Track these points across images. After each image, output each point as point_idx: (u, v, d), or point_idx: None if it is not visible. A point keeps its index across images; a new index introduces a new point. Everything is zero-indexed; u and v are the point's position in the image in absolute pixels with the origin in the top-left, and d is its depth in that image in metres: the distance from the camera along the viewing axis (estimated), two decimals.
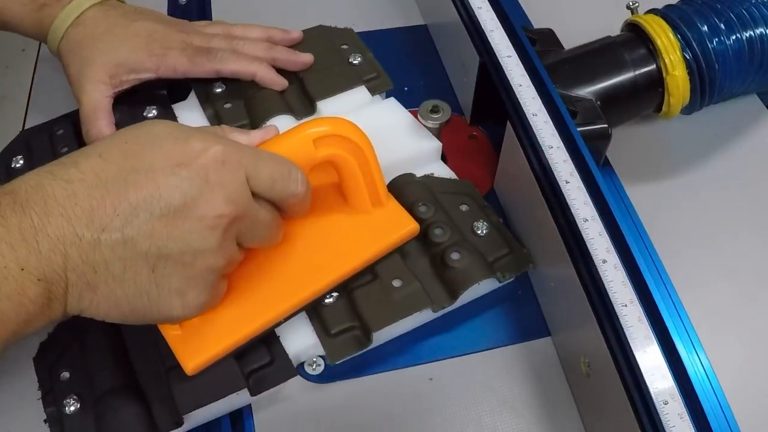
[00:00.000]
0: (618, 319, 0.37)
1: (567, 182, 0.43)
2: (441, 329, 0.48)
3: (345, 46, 0.60)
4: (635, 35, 0.55)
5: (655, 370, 0.35)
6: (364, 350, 0.44)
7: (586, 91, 0.53)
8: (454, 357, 0.47)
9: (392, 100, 0.57)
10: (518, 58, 0.51)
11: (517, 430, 0.44)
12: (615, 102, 0.53)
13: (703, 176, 0.57)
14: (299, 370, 0.45)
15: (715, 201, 0.56)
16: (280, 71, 0.57)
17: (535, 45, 0.56)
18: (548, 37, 0.59)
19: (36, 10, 0.53)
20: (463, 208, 0.49)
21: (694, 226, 0.54)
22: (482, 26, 0.54)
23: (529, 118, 0.47)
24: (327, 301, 0.44)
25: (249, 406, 0.44)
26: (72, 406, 0.40)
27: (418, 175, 0.52)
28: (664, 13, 0.55)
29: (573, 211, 0.42)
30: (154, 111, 0.55)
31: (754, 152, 0.59)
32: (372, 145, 0.44)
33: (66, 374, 0.41)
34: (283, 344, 0.44)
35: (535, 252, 0.50)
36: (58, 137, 0.54)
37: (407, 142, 0.53)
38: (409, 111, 0.62)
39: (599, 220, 0.41)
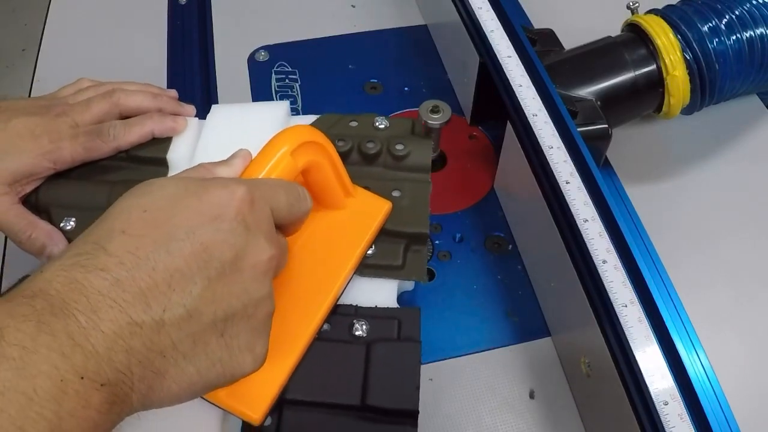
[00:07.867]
0: (618, 319, 0.37)
1: (567, 183, 0.43)
2: (441, 329, 0.48)
3: None
4: (635, 35, 0.55)
5: (655, 370, 0.36)
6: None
7: (586, 91, 0.53)
8: (454, 357, 0.47)
9: (214, 107, 0.54)
10: (518, 58, 0.51)
11: (517, 430, 0.44)
12: (615, 102, 0.53)
13: (703, 176, 0.57)
14: None
15: (715, 201, 0.56)
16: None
17: (535, 45, 0.56)
18: (548, 37, 0.59)
19: None
20: (353, 124, 0.51)
21: (694, 226, 0.54)
22: (482, 26, 0.54)
23: (529, 119, 0.47)
24: (369, 252, 0.44)
25: None
26: None
27: None
28: (664, 14, 0.55)
29: (573, 211, 0.42)
30: None
31: (754, 152, 0.59)
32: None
33: None
34: (373, 299, 0.43)
35: (536, 252, 0.50)
36: None
37: (266, 121, 0.51)
38: (409, 111, 0.62)
39: (599, 221, 0.41)
